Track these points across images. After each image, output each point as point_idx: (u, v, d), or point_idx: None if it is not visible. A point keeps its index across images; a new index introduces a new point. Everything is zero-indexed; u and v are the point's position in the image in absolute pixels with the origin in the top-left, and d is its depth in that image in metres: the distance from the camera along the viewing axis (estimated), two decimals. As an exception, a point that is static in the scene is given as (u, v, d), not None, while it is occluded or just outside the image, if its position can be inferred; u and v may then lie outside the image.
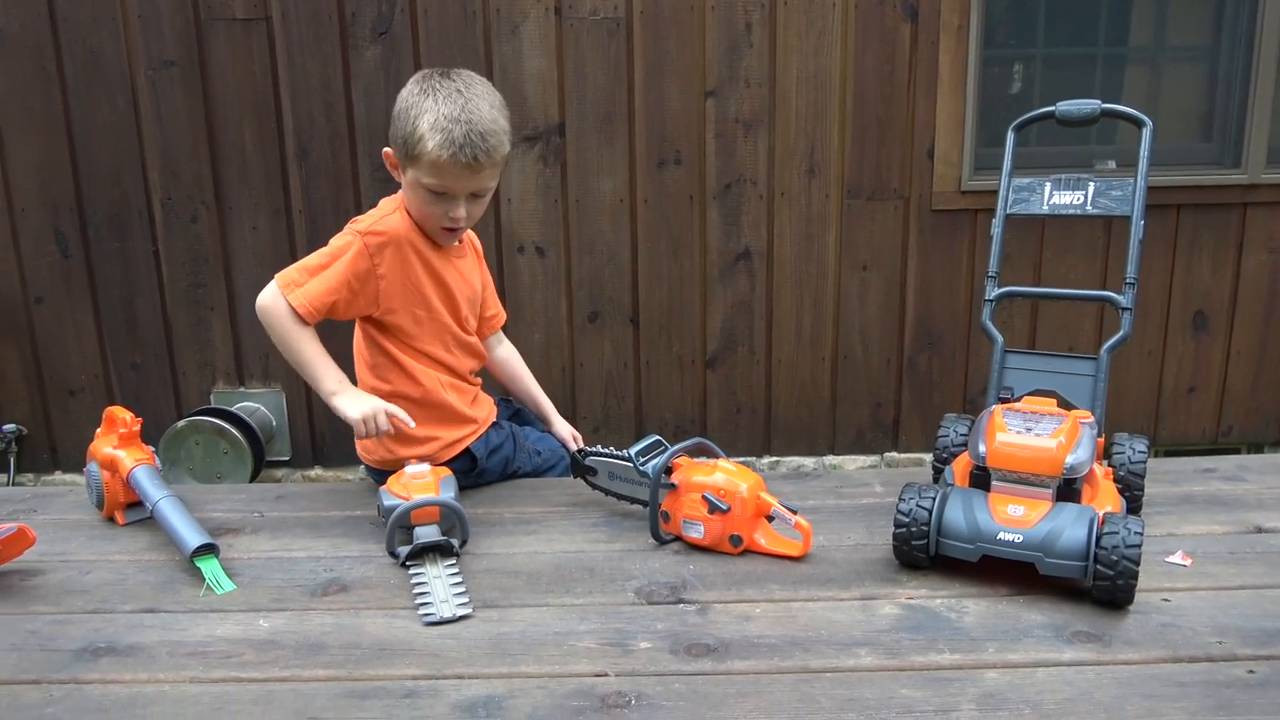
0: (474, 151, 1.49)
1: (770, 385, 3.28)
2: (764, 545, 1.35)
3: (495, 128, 1.52)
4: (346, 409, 1.52)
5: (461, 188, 1.54)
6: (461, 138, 1.48)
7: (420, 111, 1.50)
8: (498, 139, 1.53)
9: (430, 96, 1.51)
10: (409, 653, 1.13)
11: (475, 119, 1.49)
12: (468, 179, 1.53)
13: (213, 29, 2.99)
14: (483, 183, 1.57)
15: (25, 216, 3.09)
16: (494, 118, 1.53)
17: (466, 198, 1.56)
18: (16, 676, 1.10)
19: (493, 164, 1.54)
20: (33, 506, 1.65)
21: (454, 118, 1.49)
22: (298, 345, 1.56)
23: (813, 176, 3.13)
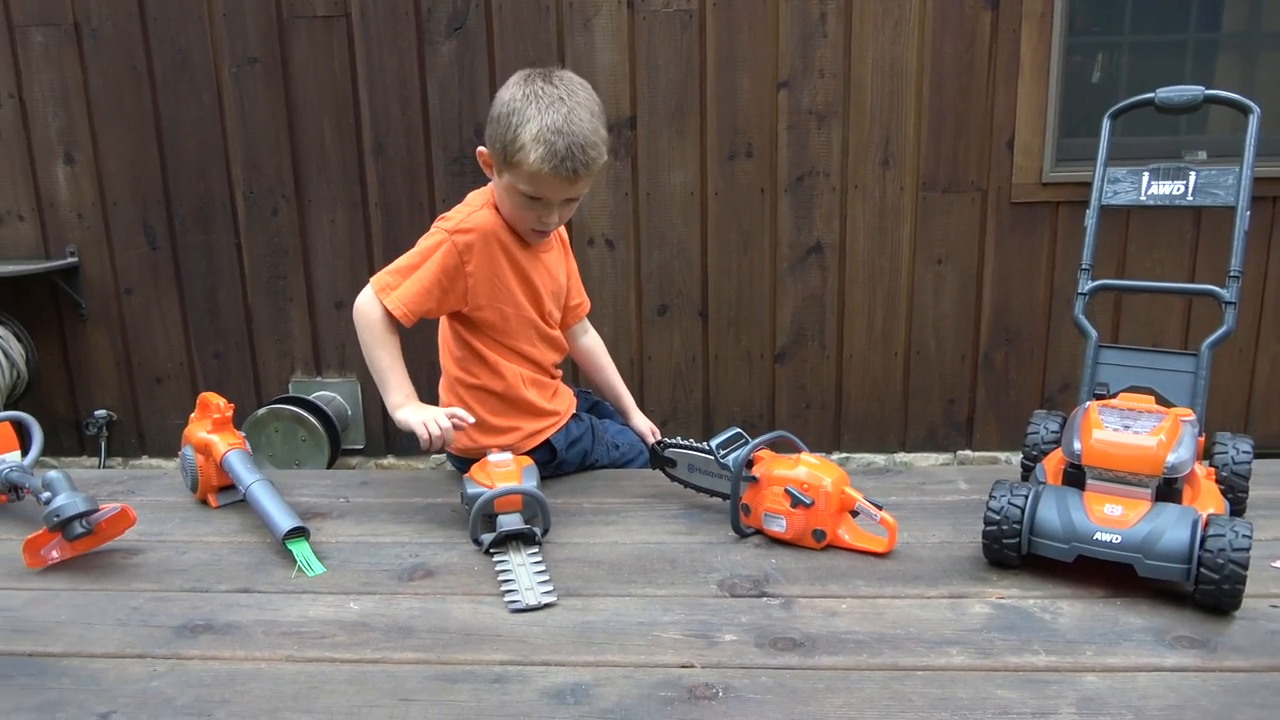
0: (574, 165, 1.48)
1: (841, 380, 3.24)
2: (848, 541, 1.33)
3: (596, 139, 1.51)
4: (410, 420, 1.53)
5: (558, 196, 1.55)
6: (564, 151, 1.47)
7: (523, 120, 1.48)
8: (597, 150, 1.52)
9: (534, 104, 1.49)
10: (495, 638, 1.14)
11: (577, 131, 1.48)
12: (565, 189, 1.53)
13: (294, 26, 3.06)
14: (579, 191, 1.57)
15: (116, 210, 3.21)
16: (594, 128, 1.51)
17: (560, 203, 1.57)
18: (123, 650, 1.14)
19: (590, 175, 1.54)
20: (130, 488, 1.71)
21: (557, 129, 1.47)
22: (380, 352, 1.58)
23: (887, 168, 3.07)
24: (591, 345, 1.96)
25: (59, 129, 3.17)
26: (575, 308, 1.87)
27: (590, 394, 1.99)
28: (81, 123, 3.16)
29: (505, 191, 1.57)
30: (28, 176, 3.20)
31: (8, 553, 1.41)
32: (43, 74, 3.13)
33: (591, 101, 1.54)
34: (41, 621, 1.21)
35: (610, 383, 1.96)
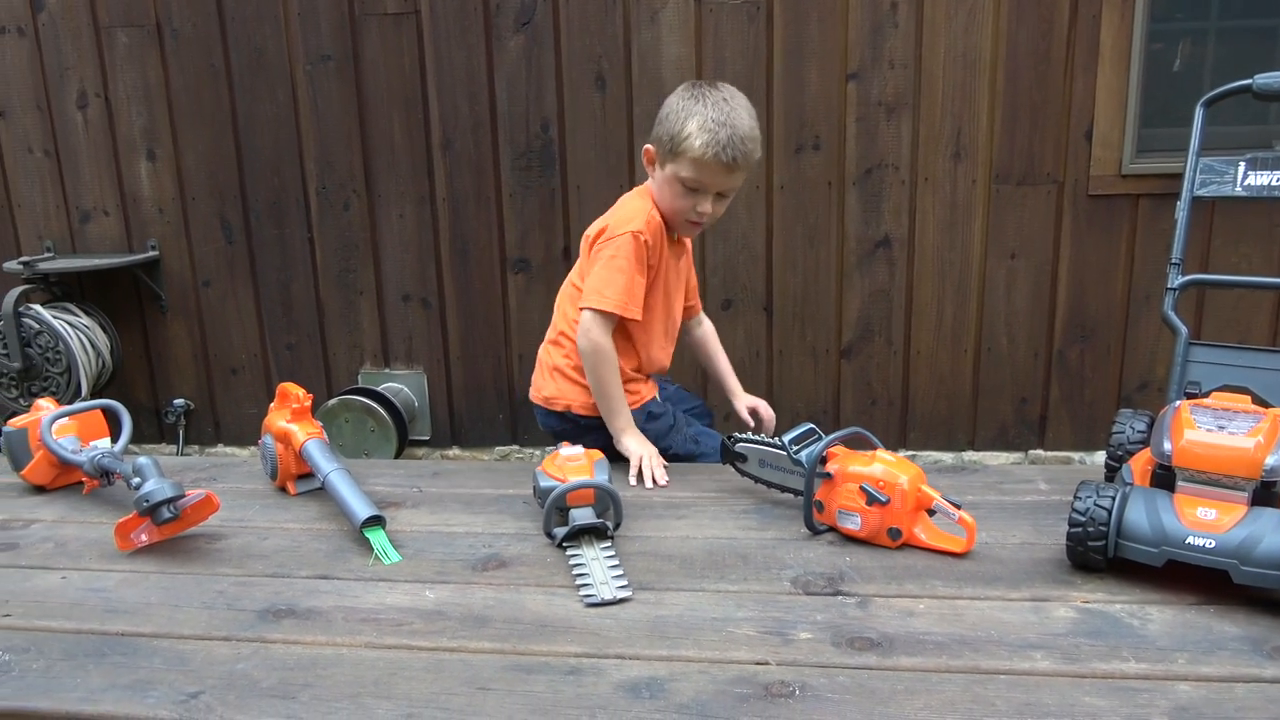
0: (734, 153, 1.65)
1: (908, 377, 3.18)
2: (924, 540, 1.31)
3: (753, 134, 1.68)
4: (631, 449, 1.71)
5: (715, 185, 1.70)
6: (725, 139, 1.64)
7: (689, 114, 1.66)
8: (754, 144, 1.69)
9: (699, 102, 1.67)
10: (569, 630, 1.14)
11: (738, 124, 1.65)
12: (723, 177, 1.69)
13: (366, 23, 3.11)
14: (734, 183, 1.72)
15: (195, 205, 3.31)
16: (752, 126, 1.68)
17: (714, 195, 1.72)
18: (210, 632, 1.17)
19: (747, 167, 1.70)
20: (212, 475, 1.76)
21: (720, 121, 1.65)
22: (608, 373, 1.73)
23: (959, 160, 3.01)
24: (705, 334, 2.13)
25: (142, 127, 3.28)
26: (690, 308, 2.04)
27: (680, 392, 2.12)
28: (162, 120, 3.26)
29: (667, 183, 1.73)
30: (112, 173, 3.32)
31: (99, 535, 1.47)
32: (127, 73, 3.24)
33: (749, 108, 1.70)
34: (132, 602, 1.26)
35: (719, 368, 2.13)
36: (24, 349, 3.15)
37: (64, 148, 3.33)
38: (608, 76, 3.06)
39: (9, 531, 1.51)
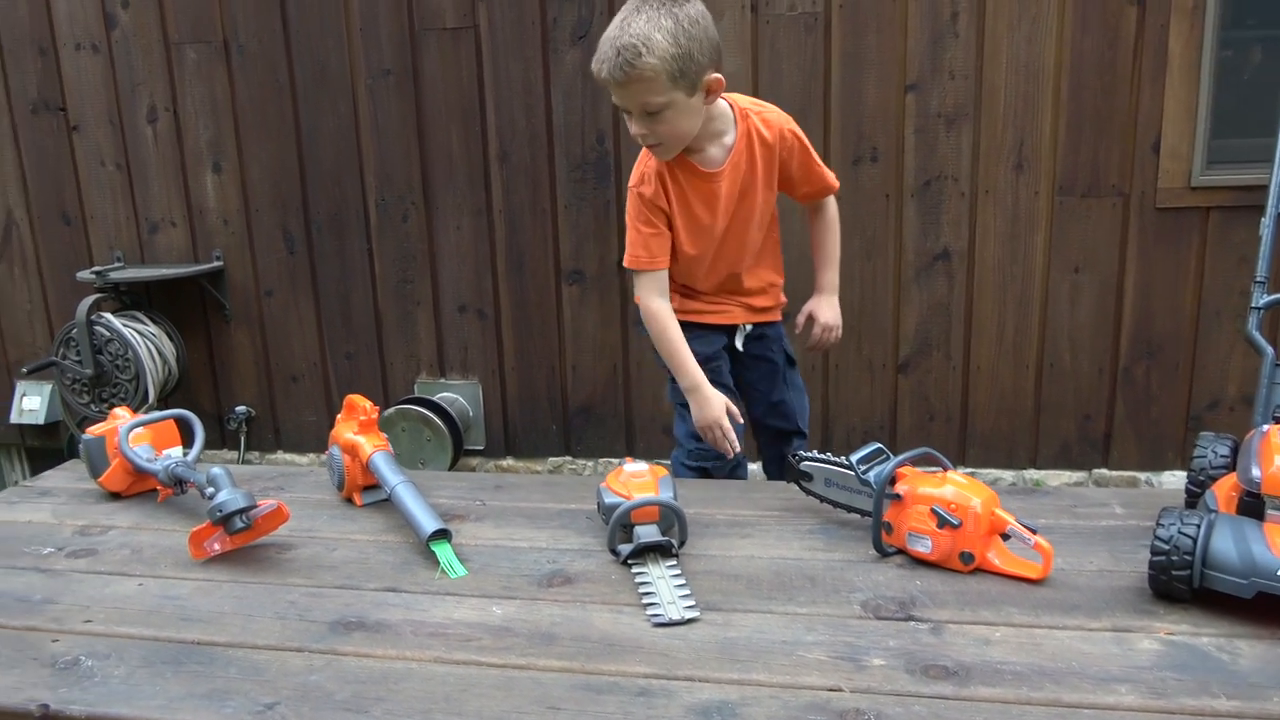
0: (608, 67, 1.64)
1: (967, 392, 3.13)
2: (998, 565, 1.28)
3: (638, 44, 1.61)
4: (696, 415, 1.85)
5: (621, 102, 1.72)
6: (601, 56, 1.65)
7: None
8: (635, 53, 1.61)
9: (616, 17, 1.69)
10: (638, 650, 1.14)
11: (621, 36, 1.62)
12: (620, 94, 1.69)
13: (425, 38, 3.16)
14: (634, 97, 1.67)
15: (259, 217, 3.38)
16: (646, 34, 1.61)
17: (638, 114, 1.70)
18: (283, 643, 1.19)
19: (637, 79, 1.64)
20: (280, 485, 1.79)
21: (606, 37, 1.66)
22: (663, 333, 1.88)
23: (1020, 172, 2.95)
24: (817, 219, 2.12)
25: (208, 140, 3.36)
26: (806, 194, 2.04)
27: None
28: (228, 134, 3.34)
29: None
30: (180, 185, 3.41)
31: (173, 543, 1.50)
32: (195, 88, 3.33)
33: (664, 13, 1.63)
34: (207, 611, 1.28)
35: (817, 257, 2.14)
36: (95, 356, 3.25)
37: (134, 161, 3.42)
38: (664, 89, 3.06)
39: (88, 537, 1.55)
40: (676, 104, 1.69)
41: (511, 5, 3.08)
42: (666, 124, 1.72)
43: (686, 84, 1.68)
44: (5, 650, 1.19)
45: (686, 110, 1.72)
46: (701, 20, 1.69)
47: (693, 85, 1.69)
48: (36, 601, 1.33)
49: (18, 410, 3.65)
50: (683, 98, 1.69)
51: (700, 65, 1.68)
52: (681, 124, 1.74)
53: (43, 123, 3.45)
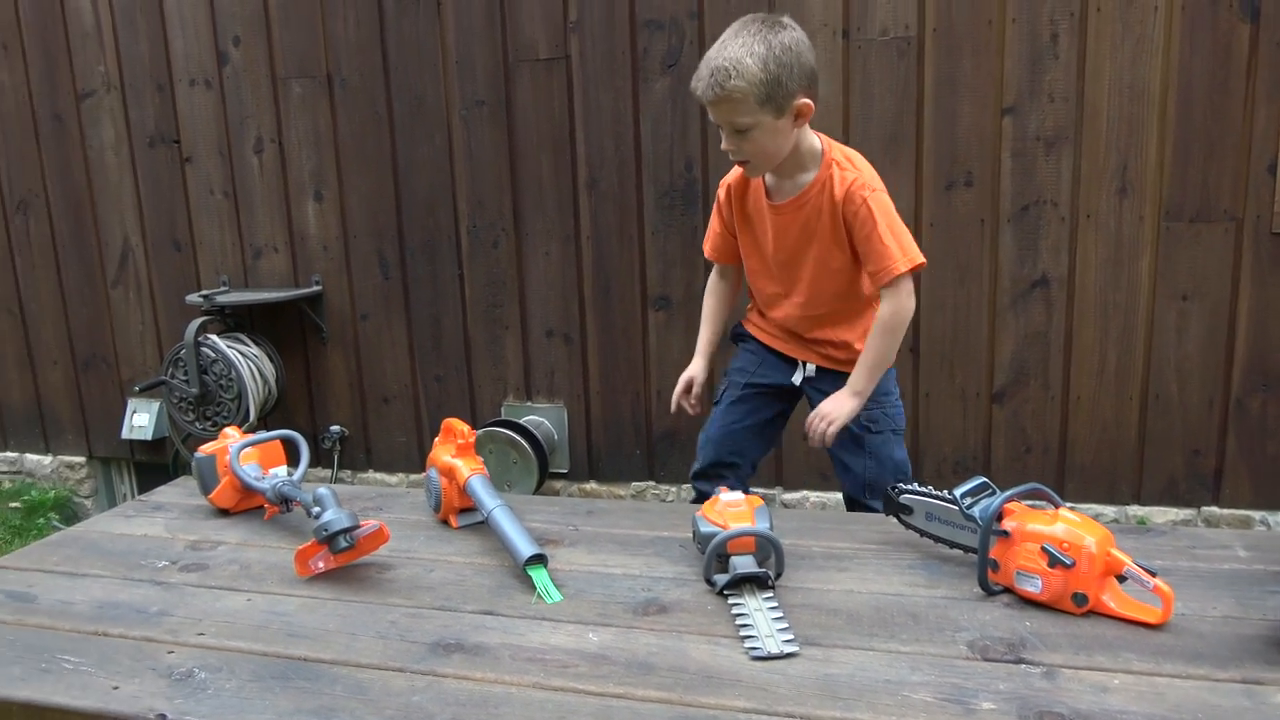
0: (704, 86, 1.73)
1: (1066, 424, 3.02)
2: (1114, 608, 1.22)
3: (732, 67, 1.69)
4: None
5: (716, 118, 1.80)
6: (700, 74, 1.75)
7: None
8: (730, 74, 1.69)
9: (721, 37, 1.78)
10: (736, 684, 1.12)
11: (718, 57, 1.72)
12: (714, 111, 1.78)
13: (519, 70, 3.23)
14: (726, 115, 1.76)
15: (357, 243, 3.50)
16: (739, 58, 1.69)
17: (729, 130, 1.79)
18: (385, 663, 1.21)
19: (729, 99, 1.72)
20: (379, 505, 1.83)
21: (708, 58, 1.75)
22: (704, 303, 2.09)
23: (1124, 196, 2.85)
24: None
25: (310, 169, 3.50)
26: (869, 274, 1.93)
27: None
28: (329, 164, 3.47)
29: None
30: (283, 213, 3.55)
31: (279, 560, 1.55)
32: (299, 120, 3.47)
33: (759, 40, 1.71)
34: (312, 628, 1.31)
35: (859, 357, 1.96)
36: (201, 376, 3.39)
37: (241, 190, 3.58)
38: (753, 115, 3.07)
39: (199, 552, 1.61)
40: (764, 125, 1.77)
41: (603, 36, 3.13)
42: (753, 143, 1.79)
43: (774, 107, 1.75)
44: (125, 659, 1.25)
45: (774, 132, 1.78)
46: (795, 47, 1.75)
47: (780, 109, 1.76)
48: (153, 613, 1.38)
49: (128, 426, 3.83)
50: (770, 120, 1.76)
51: (789, 90, 1.75)
52: (768, 144, 1.81)
53: (159, 155, 3.64)
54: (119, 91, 3.63)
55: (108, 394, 3.92)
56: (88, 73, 3.65)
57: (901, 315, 1.86)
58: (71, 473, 4.06)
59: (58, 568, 1.57)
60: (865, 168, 1.89)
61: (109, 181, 3.72)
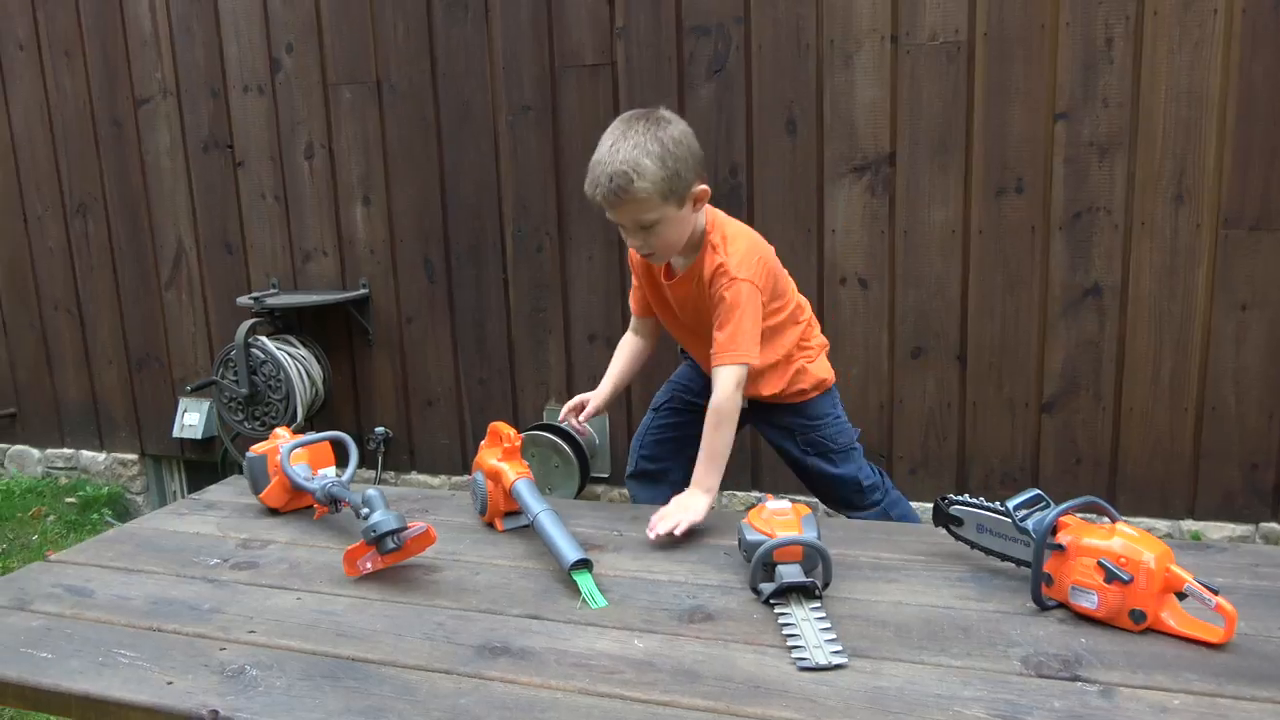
0: (600, 191, 1.72)
1: (1118, 436, 2.95)
2: (1173, 626, 1.19)
3: (627, 168, 1.68)
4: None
5: (615, 219, 1.79)
6: (593, 178, 1.74)
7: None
8: (626, 178, 1.68)
9: (602, 141, 1.77)
10: (784, 694, 1.11)
11: (610, 160, 1.71)
12: (613, 213, 1.78)
13: (565, 75, 3.25)
14: (626, 216, 1.75)
15: (403, 247, 3.54)
16: (634, 158, 1.68)
17: (633, 229, 1.78)
18: (431, 664, 1.22)
19: (629, 201, 1.71)
20: (425, 507, 1.85)
21: (596, 160, 1.75)
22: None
23: (1180, 204, 2.79)
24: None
25: (359, 175, 3.55)
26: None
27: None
28: (377, 169, 3.52)
29: None
30: (332, 217, 3.60)
31: (328, 560, 1.57)
32: (349, 126, 3.52)
33: (650, 138, 1.70)
34: (361, 628, 1.33)
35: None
36: (250, 376, 3.45)
37: (291, 194, 3.64)
38: (799, 121, 3.05)
39: (250, 551, 1.64)
40: (668, 218, 1.78)
41: (649, 41, 3.13)
42: (660, 236, 1.80)
43: (676, 199, 1.76)
44: (179, 655, 1.27)
45: (677, 221, 1.80)
46: (683, 139, 1.77)
47: (681, 199, 1.77)
48: (205, 610, 1.41)
49: (179, 425, 3.91)
50: (673, 211, 1.77)
51: (687, 181, 1.77)
52: (672, 235, 1.82)
53: (212, 160, 3.72)
54: (175, 97, 3.71)
55: (160, 393, 4.01)
56: (145, 79, 3.74)
57: (723, 407, 1.77)
58: (124, 469, 4.16)
59: (114, 563, 1.61)
60: (737, 252, 1.84)
61: (164, 185, 3.81)
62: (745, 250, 1.86)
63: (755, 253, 1.89)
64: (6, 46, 3.90)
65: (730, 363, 1.79)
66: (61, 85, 3.85)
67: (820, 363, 2.16)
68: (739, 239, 1.89)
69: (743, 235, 1.91)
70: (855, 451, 2.20)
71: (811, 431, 2.13)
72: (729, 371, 1.79)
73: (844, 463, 2.15)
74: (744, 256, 1.85)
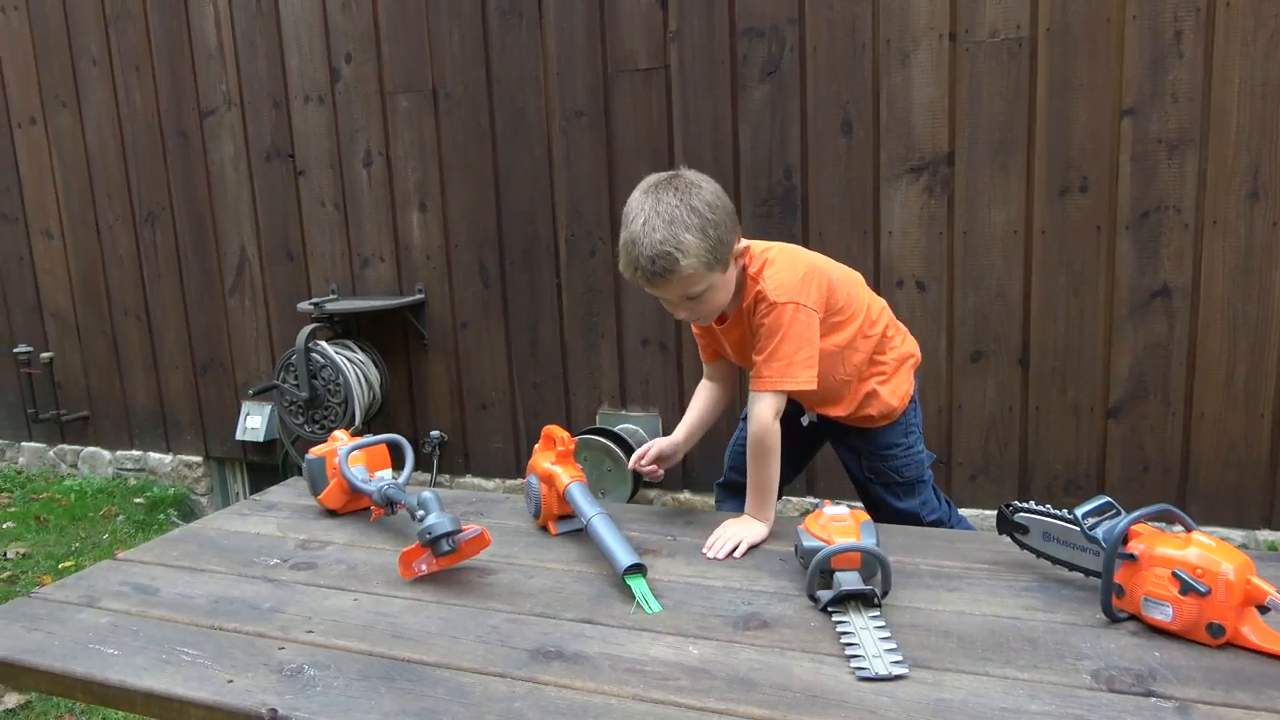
0: (641, 273, 1.61)
1: (1188, 441, 2.84)
2: (1255, 641, 1.13)
3: (663, 248, 1.57)
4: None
5: (657, 294, 1.69)
6: (630, 262, 1.62)
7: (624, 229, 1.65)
8: (668, 258, 1.57)
9: (629, 217, 1.63)
10: (842, 704, 1.08)
11: (643, 242, 1.58)
12: (657, 292, 1.67)
13: (618, 80, 3.25)
14: (672, 293, 1.65)
15: (459, 253, 3.58)
16: (667, 236, 1.57)
17: (677, 299, 1.67)
18: (486, 667, 1.22)
19: (672, 279, 1.60)
20: (479, 510, 1.85)
21: (630, 240, 1.61)
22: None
23: (1255, 201, 2.68)
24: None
25: (415, 182, 3.59)
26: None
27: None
28: (433, 176, 3.56)
29: None
30: (389, 224, 3.66)
31: (384, 562, 1.58)
32: (405, 134, 3.57)
33: (685, 209, 1.58)
34: (416, 630, 1.33)
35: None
36: (311, 381, 3.52)
37: (350, 202, 3.71)
38: (854, 122, 3.01)
39: (308, 551, 1.66)
40: (714, 285, 1.67)
41: (702, 44, 3.12)
42: (708, 303, 1.70)
43: (721, 266, 1.66)
44: (239, 654, 1.29)
45: (723, 285, 1.70)
46: (717, 202, 1.65)
47: (726, 264, 1.67)
48: (265, 609, 1.43)
49: (242, 428, 4.00)
50: (719, 277, 1.67)
51: (729, 245, 1.66)
52: (720, 298, 1.72)
53: (274, 168, 3.80)
54: (239, 109, 3.81)
55: (224, 397, 4.11)
56: (210, 91, 3.84)
57: (762, 441, 1.71)
58: (189, 471, 4.27)
59: (178, 562, 1.64)
60: (775, 276, 1.75)
61: (228, 194, 3.91)
62: (785, 272, 1.75)
63: (797, 270, 1.76)
64: (80, 62, 4.04)
65: (765, 389, 1.71)
66: (131, 98, 3.98)
67: (896, 384, 2.01)
68: (777, 262, 1.77)
69: (782, 257, 1.79)
70: (923, 485, 2.08)
71: (877, 460, 2.03)
72: (764, 401, 1.70)
73: (907, 496, 2.03)
74: (784, 279, 1.74)
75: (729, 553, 1.55)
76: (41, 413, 4.37)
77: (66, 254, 4.26)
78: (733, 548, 1.57)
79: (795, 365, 1.71)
